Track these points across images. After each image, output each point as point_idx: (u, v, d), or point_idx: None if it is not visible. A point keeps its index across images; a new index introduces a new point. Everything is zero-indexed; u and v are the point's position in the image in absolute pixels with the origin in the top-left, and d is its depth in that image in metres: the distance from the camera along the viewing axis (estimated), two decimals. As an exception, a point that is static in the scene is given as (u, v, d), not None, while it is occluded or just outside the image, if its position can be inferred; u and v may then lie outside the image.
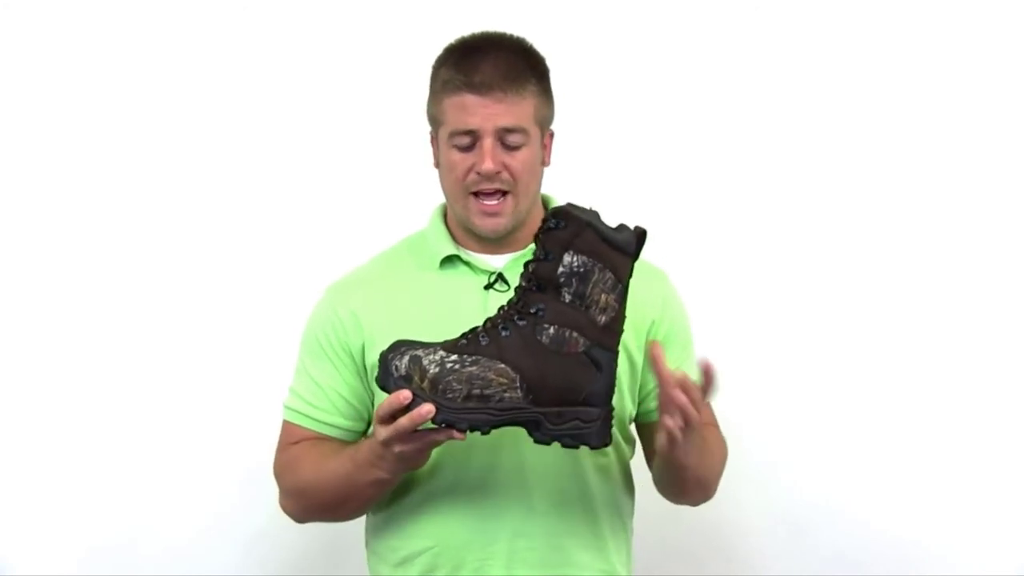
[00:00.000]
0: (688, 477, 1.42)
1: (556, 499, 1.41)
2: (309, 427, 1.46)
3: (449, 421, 1.21)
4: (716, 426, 1.52)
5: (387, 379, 1.22)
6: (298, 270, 2.00)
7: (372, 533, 1.51)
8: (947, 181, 2.11)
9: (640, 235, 1.25)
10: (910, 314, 2.10)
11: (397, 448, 1.25)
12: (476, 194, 1.40)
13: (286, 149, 2.11)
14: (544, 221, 1.24)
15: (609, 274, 1.23)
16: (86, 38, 2.07)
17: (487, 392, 1.21)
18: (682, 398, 1.24)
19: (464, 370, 1.21)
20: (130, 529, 2.05)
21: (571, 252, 1.22)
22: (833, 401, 2.10)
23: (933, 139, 2.11)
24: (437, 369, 1.21)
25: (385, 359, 1.23)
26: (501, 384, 1.21)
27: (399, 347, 1.24)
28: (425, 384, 1.20)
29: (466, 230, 1.46)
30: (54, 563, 2.03)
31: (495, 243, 1.45)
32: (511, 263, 1.45)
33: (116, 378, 2.06)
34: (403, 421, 1.21)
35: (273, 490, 1.49)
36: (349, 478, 1.36)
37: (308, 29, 2.11)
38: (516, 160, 1.39)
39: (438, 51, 1.45)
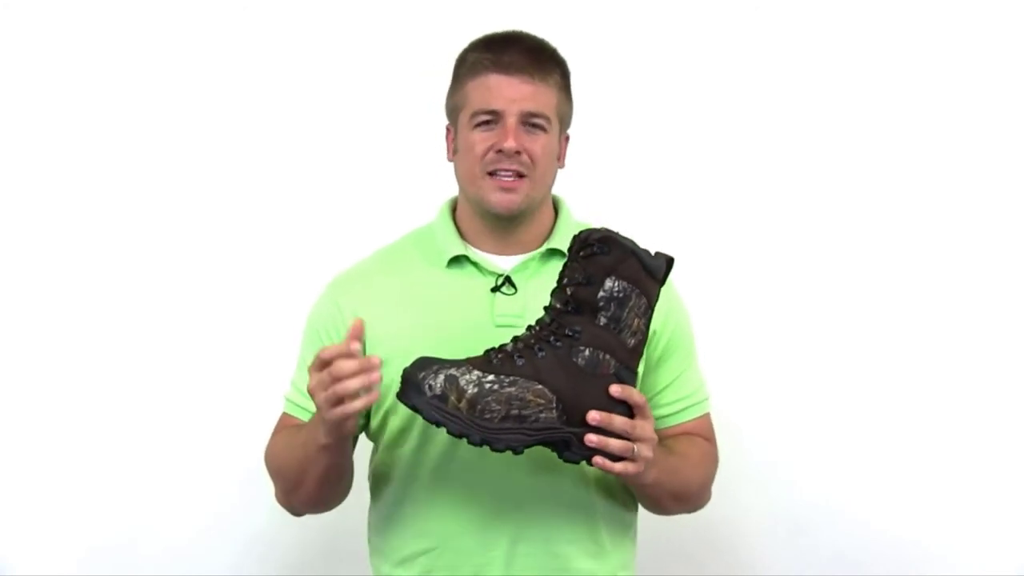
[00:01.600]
0: (654, 494, 1.41)
1: (556, 505, 1.41)
2: (307, 420, 1.46)
3: (487, 441, 1.22)
4: (705, 438, 1.50)
5: (418, 397, 1.22)
6: (299, 268, 2.00)
7: (374, 531, 1.51)
8: (947, 181, 2.12)
9: (669, 262, 1.28)
10: (910, 315, 2.11)
11: (328, 414, 1.24)
12: (492, 174, 1.40)
13: (288, 145, 2.11)
14: (588, 246, 1.25)
15: (644, 299, 1.26)
16: (86, 38, 2.06)
17: (524, 412, 1.22)
18: (592, 436, 1.24)
19: (503, 391, 1.21)
20: (130, 529, 2.05)
21: (613, 278, 1.24)
22: (833, 401, 2.11)
23: (934, 139, 2.12)
24: (475, 389, 1.21)
25: (415, 376, 1.22)
26: (538, 405, 1.22)
27: (429, 364, 1.23)
28: (462, 404, 1.21)
29: (478, 220, 1.45)
30: (54, 563, 2.03)
31: (504, 241, 1.45)
32: (519, 266, 1.44)
33: (116, 378, 2.06)
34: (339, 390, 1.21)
35: (273, 490, 1.49)
36: (304, 449, 1.36)
37: (308, 27, 2.11)
38: (537, 144, 1.40)
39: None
